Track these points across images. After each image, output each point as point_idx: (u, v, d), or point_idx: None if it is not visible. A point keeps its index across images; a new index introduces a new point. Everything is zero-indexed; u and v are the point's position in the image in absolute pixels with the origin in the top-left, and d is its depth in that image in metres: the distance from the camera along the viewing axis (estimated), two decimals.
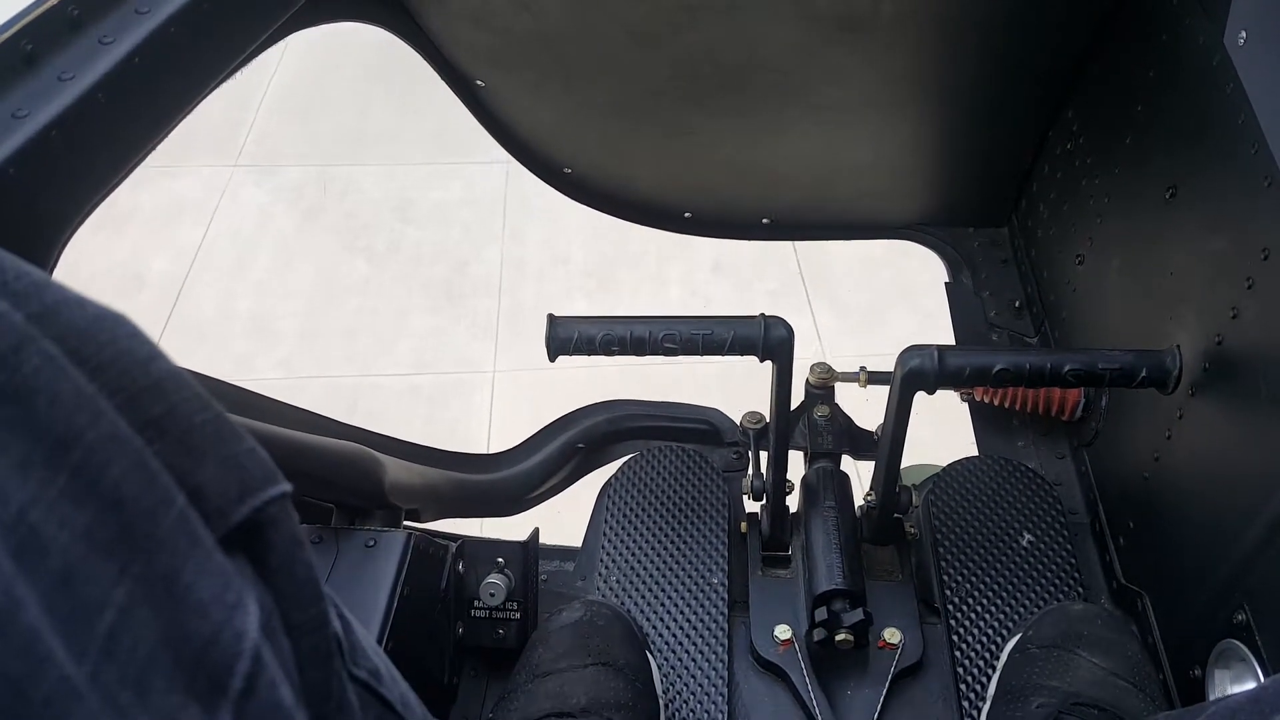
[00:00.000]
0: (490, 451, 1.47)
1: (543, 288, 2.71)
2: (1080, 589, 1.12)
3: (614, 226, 1.64)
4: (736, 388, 1.48)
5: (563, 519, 1.38)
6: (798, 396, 1.20)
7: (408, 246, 2.82)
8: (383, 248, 2.81)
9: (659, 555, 1.18)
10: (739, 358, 1.05)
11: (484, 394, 2.46)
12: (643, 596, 1.14)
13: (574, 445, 1.45)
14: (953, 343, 1.48)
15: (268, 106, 2.67)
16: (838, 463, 1.22)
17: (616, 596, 1.14)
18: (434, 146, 2.65)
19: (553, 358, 1.04)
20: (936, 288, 1.59)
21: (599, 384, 1.88)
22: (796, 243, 1.74)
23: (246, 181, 2.88)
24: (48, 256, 0.71)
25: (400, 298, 2.71)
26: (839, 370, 1.28)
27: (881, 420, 1.12)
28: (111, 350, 0.37)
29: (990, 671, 1.05)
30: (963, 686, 1.05)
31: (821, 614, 1.05)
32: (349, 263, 2.78)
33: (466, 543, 1.13)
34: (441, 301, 2.70)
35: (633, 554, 1.18)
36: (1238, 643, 0.88)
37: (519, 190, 2.46)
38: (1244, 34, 0.93)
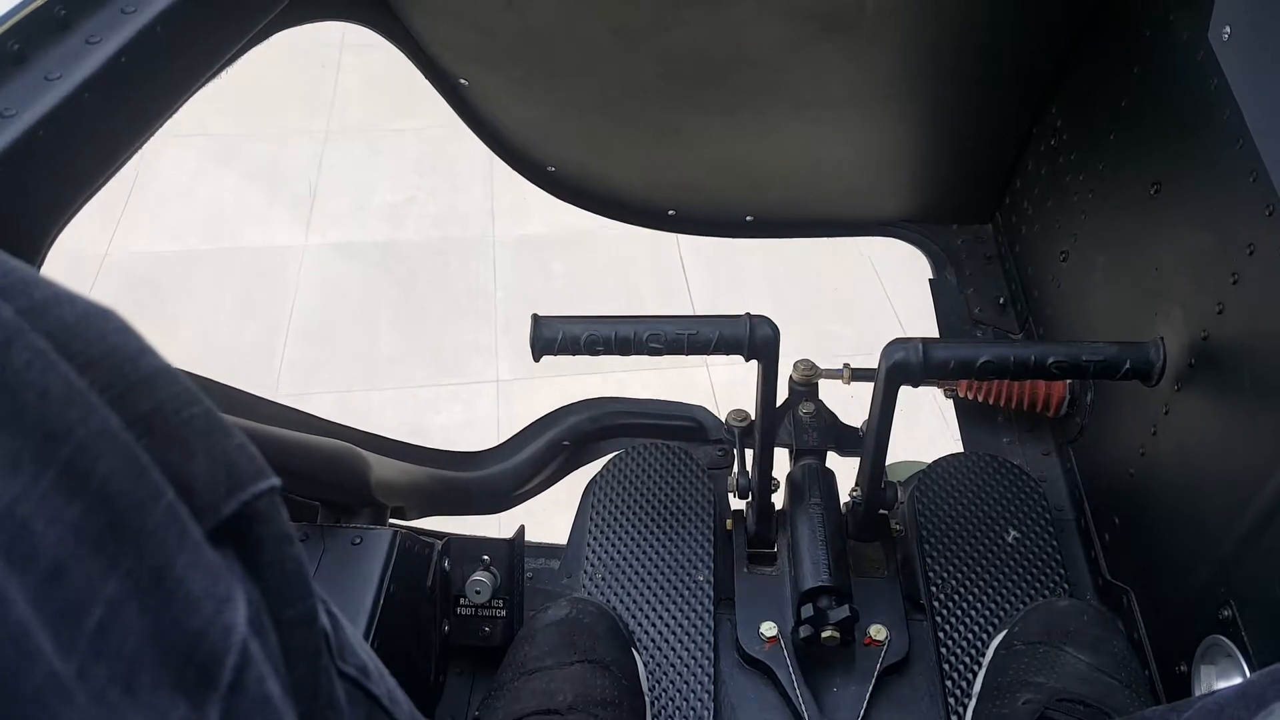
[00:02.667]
0: (475, 449, 1.46)
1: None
2: (1066, 585, 1.13)
3: None
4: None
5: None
6: (782, 394, 1.20)
7: None
8: None
9: (644, 553, 1.18)
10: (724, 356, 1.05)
11: None
12: (628, 594, 1.14)
13: (559, 443, 1.45)
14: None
15: (295, 333, 2.74)
16: (823, 460, 1.22)
17: (602, 594, 1.14)
18: (434, 368, 2.74)
19: (537, 358, 1.04)
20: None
21: None
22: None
23: None
24: (36, 253, 0.71)
25: None
26: (823, 367, 1.28)
27: (866, 416, 1.12)
28: (101, 346, 0.36)
29: (976, 668, 1.05)
30: (948, 683, 1.05)
31: (807, 611, 1.05)
32: None
33: (452, 540, 1.13)
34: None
35: (618, 551, 1.18)
36: (1224, 638, 0.88)
37: (508, 413, 2.52)
38: (1228, 29, 0.93)
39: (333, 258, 2.94)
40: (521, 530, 1.16)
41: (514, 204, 3.11)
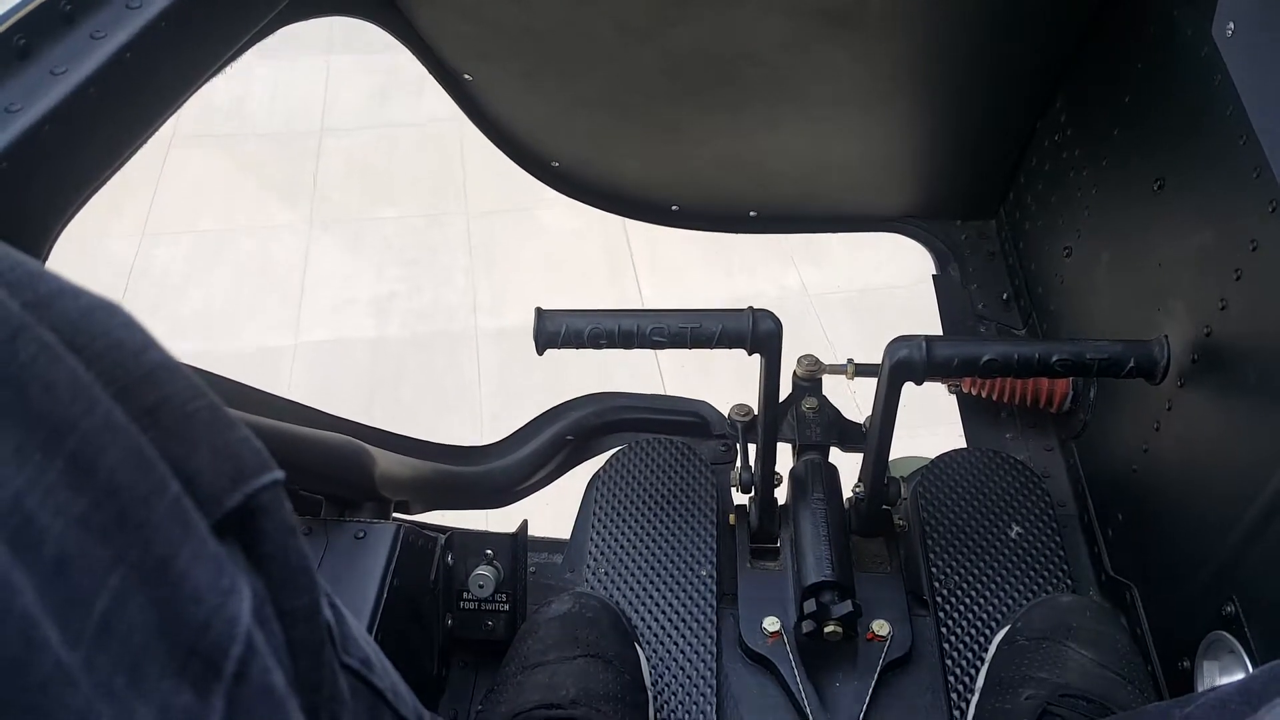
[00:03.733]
0: (480, 444, 1.47)
1: None
2: (1069, 581, 1.13)
3: None
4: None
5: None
6: (785, 389, 1.20)
7: None
8: None
9: (647, 547, 1.18)
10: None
11: None
12: (631, 588, 1.14)
13: (563, 437, 1.45)
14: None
15: None
16: (826, 455, 1.22)
17: (605, 588, 1.14)
18: None
19: (540, 351, 1.04)
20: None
21: None
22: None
23: None
24: (42, 247, 0.71)
25: None
26: (826, 363, 1.28)
27: (870, 412, 1.12)
28: (106, 339, 0.37)
29: (979, 663, 1.05)
30: (951, 678, 1.06)
31: (810, 606, 1.05)
32: None
33: (455, 534, 1.13)
34: None
35: (621, 546, 1.18)
36: (1226, 634, 0.88)
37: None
38: (1232, 25, 0.93)
39: (322, 357, 2.91)
40: (524, 524, 1.16)
41: (495, 294, 3.08)
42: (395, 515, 1.17)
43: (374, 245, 3.16)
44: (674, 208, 1.66)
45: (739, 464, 1.22)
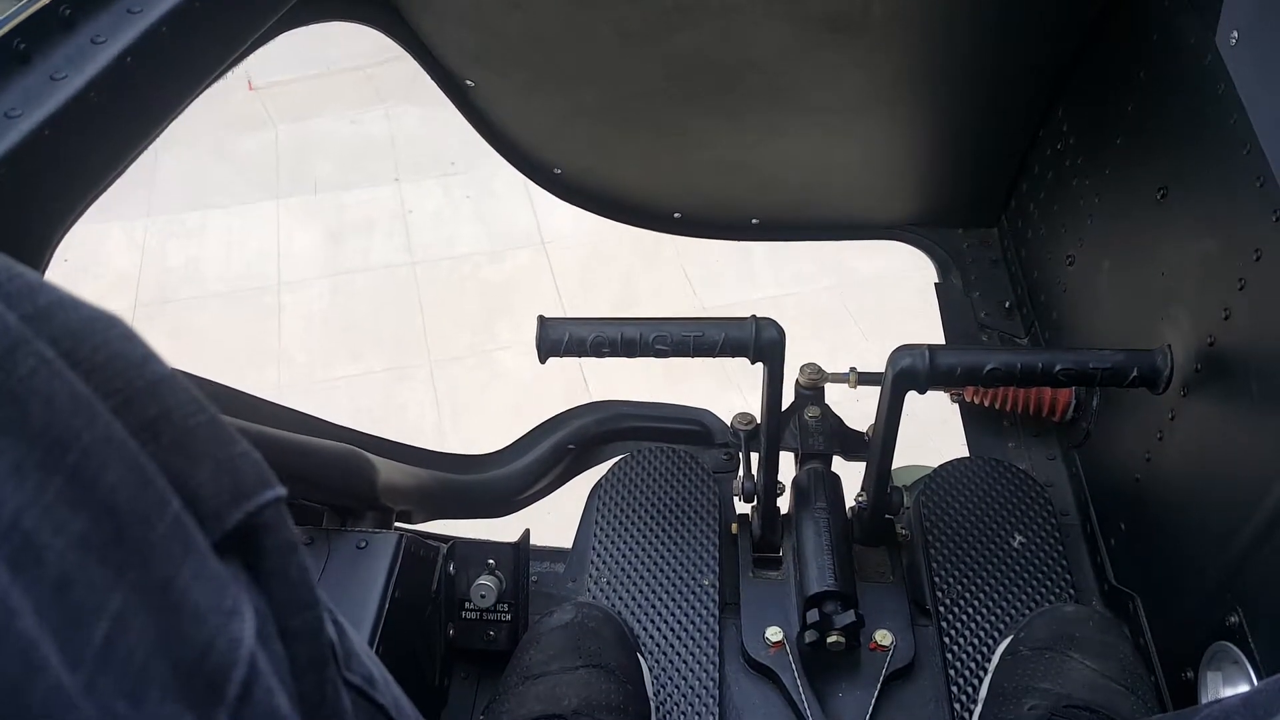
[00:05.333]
0: (481, 453, 1.46)
1: None
2: (1072, 591, 1.13)
3: None
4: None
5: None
6: (788, 398, 1.20)
7: None
8: None
9: (650, 557, 1.18)
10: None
11: None
12: (634, 598, 1.14)
13: (564, 446, 1.45)
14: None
15: None
16: (829, 464, 1.22)
17: (607, 598, 1.14)
18: None
19: (543, 359, 1.04)
20: None
21: None
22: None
23: None
24: (40, 257, 0.71)
25: None
26: (829, 371, 1.28)
27: (872, 421, 1.12)
28: (106, 352, 0.36)
29: (982, 673, 1.05)
30: (954, 689, 1.05)
31: (813, 616, 1.04)
32: None
33: (457, 544, 1.13)
34: None
35: (624, 555, 1.18)
36: (1230, 645, 0.88)
37: None
38: (1235, 34, 0.93)
39: None
40: (526, 534, 1.16)
41: (464, 446, 3.02)
42: (397, 525, 1.17)
43: (343, 407, 3.12)
44: (676, 215, 1.66)
45: (741, 473, 1.21)
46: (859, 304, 3.03)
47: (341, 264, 3.63)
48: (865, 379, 1.30)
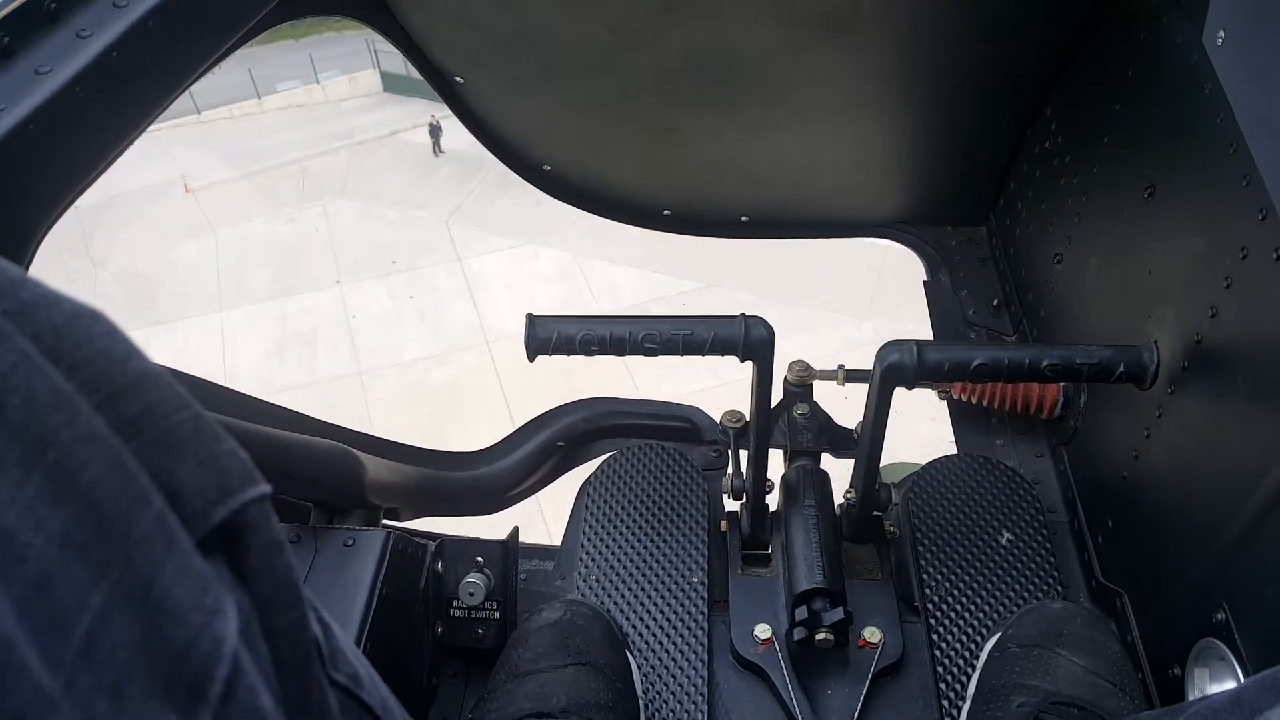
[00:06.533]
0: (469, 450, 1.46)
1: None
2: (1059, 588, 1.13)
3: None
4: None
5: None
6: (776, 396, 1.20)
7: None
8: None
9: (639, 554, 1.18)
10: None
11: None
12: (623, 596, 1.14)
13: (553, 443, 1.45)
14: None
15: None
16: (817, 461, 1.22)
17: (596, 596, 1.14)
18: None
19: (531, 357, 1.04)
20: None
21: None
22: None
23: None
24: (24, 252, 0.70)
25: None
26: (817, 368, 1.28)
27: (860, 418, 1.12)
28: (88, 348, 0.36)
29: (970, 670, 1.05)
30: (943, 685, 1.05)
31: (802, 613, 1.05)
32: None
33: (445, 541, 1.12)
34: None
35: (612, 553, 1.18)
36: (1217, 641, 0.88)
37: None
38: (1222, 33, 0.93)
39: None
40: (515, 531, 1.16)
41: None
42: (385, 522, 1.16)
43: None
44: (665, 212, 1.66)
45: (730, 470, 1.21)
46: None
47: (288, 378, 3.62)
48: (853, 376, 1.30)
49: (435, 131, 15.82)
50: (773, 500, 1.21)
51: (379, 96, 17.68)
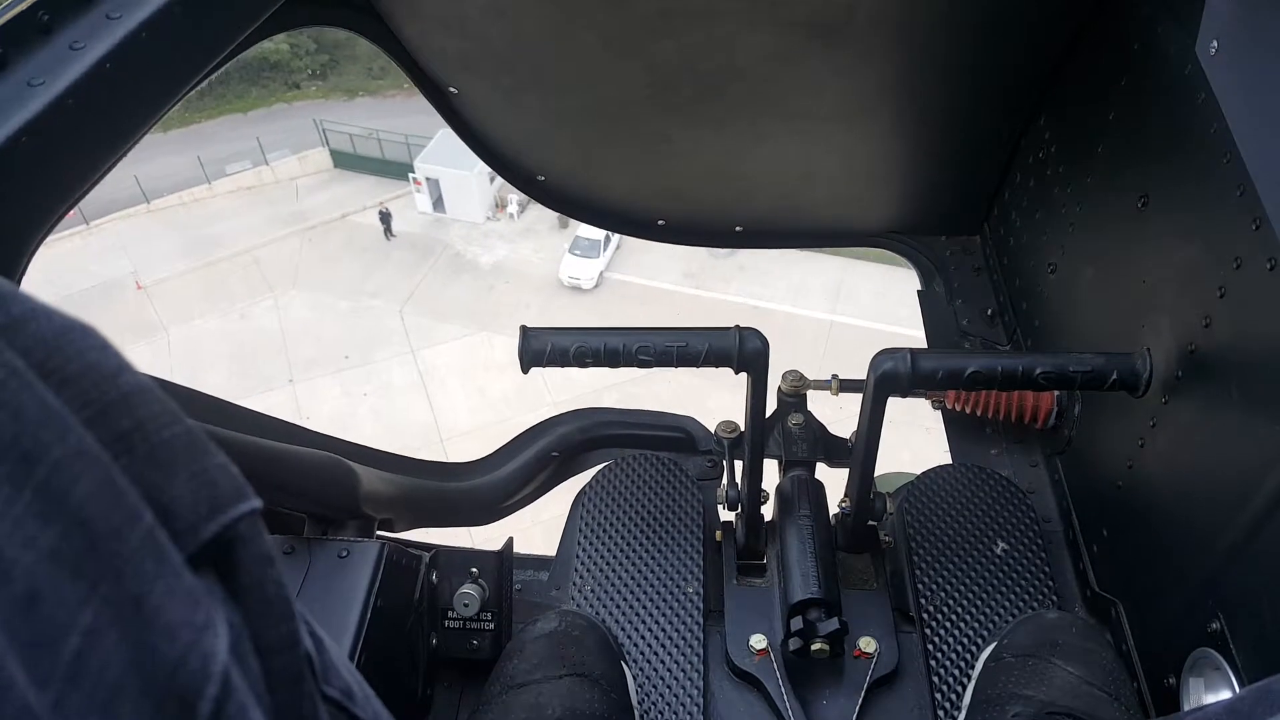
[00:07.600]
0: (464, 460, 1.46)
1: None
2: (1054, 598, 1.13)
3: None
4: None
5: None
6: (771, 406, 1.20)
7: None
8: None
9: (634, 564, 1.17)
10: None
11: None
12: (618, 606, 1.13)
13: (548, 453, 1.44)
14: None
15: None
16: (812, 471, 1.22)
17: (591, 607, 1.13)
18: None
19: (526, 369, 1.04)
20: None
21: None
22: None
23: None
24: (15, 266, 0.70)
25: None
26: (811, 378, 1.28)
27: (855, 427, 1.12)
28: (79, 363, 0.36)
29: (965, 680, 1.05)
30: (938, 695, 1.05)
31: (797, 623, 1.04)
32: None
33: (440, 552, 1.12)
34: None
35: (607, 563, 1.17)
36: (1212, 651, 0.88)
37: None
38: (1216, 43, 0.93)
39: None
40: (510, 542, 1.15)
41: None
42: (379, 533, 1.16)
43: None
44: (660, 222, 1.65)
45: (725, 480, 1.21)
46: None
47: None
48: (847, 385, 1.30)
49: (386, 218, 15.96)
50: (768, 510, 1.21)
51: (329, 173, 17.64)
